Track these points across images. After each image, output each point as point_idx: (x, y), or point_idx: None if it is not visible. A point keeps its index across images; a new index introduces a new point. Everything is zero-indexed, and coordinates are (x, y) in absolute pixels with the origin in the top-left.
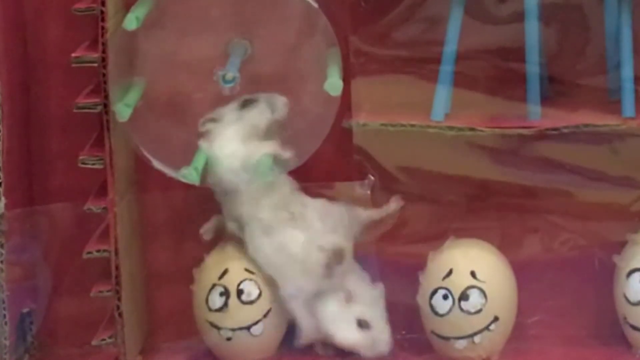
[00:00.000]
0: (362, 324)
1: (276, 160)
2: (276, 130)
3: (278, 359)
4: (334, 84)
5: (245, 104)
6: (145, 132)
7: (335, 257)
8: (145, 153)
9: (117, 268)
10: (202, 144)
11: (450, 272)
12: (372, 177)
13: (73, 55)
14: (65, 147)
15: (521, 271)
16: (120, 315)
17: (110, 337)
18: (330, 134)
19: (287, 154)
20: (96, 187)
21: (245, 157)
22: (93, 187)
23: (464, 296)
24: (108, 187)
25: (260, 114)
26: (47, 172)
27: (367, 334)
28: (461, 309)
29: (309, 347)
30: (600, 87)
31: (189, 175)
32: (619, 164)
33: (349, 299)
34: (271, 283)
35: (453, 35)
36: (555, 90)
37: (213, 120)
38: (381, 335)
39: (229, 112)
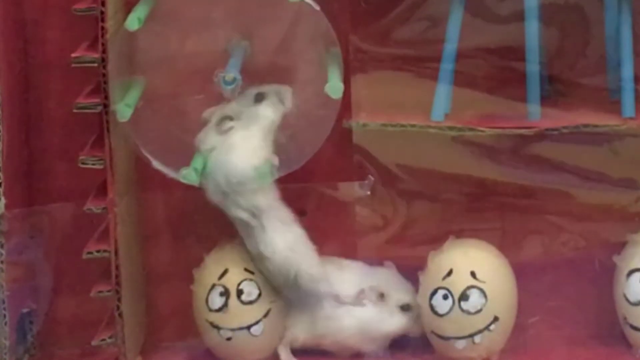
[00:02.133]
0: (405, 308)
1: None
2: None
3: (278, 359)
4: (334, 87)
5: (258, 98)
6: (145, 132)
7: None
8: (145, 153)
9: (117, 268)
10: (216, 141)
11: (450, 272)
12: (372, 177)
13: (73, 55)
14: (65, 147)
15: (521, 271)
16: (120, 315)
17: (110, 337)
18: (330, 134)
19: (276, 160)
20: (96, 187)
21: (266, 155)
22: (93, 187)
23: (464, 296)
24: (108, 187)
25: (274, 108)
26: (47, 172)
27: (410, 314)
28: (461, 309)
29: (309, 347)
30: (600, 87)
31: (189, 175)
32: (619, 164)
33: (381, 296)
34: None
35: (453, 34)
36: (556, 90)
37: (230, 117)
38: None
39: (244, 108)
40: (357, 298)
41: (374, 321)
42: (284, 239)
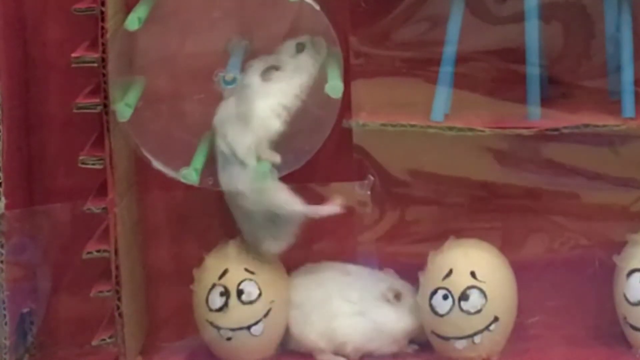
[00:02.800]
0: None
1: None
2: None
3: (278, 359)
4: (334, 87)
5: (300, 49)
6: (145, 132)
7: None
8: (145, 153)
9: (117, 268)
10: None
11: (450, 272)
12: (372, 177)
13: (73, 55)
14: (65, 147)
15: (521, 271)
16: (120, 315)
17: (110, 337)
18: (330, 134)
19: (278, 159)
20: (96, 187)
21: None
22: (93, 187)
23: (464, 296)
24: (108, 187)
25: (314, 61)
26: (47, 172)
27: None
28: (461, 309)
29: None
30: (601, 88)
31: (189, 175)
32: (620, 164)
33: (398, 297)
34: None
35: (453, 35)
36: (556, 91)
37: (276, 68)
38: None
39: (288, 58)
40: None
41: (394, 321)
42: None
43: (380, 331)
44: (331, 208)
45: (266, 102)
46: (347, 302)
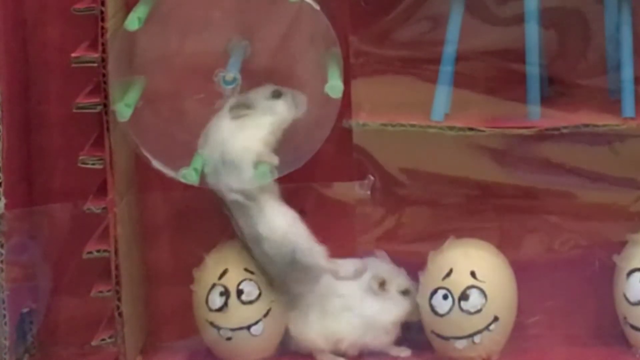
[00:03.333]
0: (405, 293)
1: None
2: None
3: (278, 359)
4: (334, 87)
5: (276, 95)
6: (145, 132)
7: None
8: (145, 153)
9: (117, 268)
10: (227, 125)
11: (450, 272)
12: (372, 177)
13: (73, 55)
14: (65, 147)
15: (521, 271)
16: (120, 315)
17: (110, 337)
18: (330, 134)
19: (276, 160)
20: (96, 187)
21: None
22: (93, 187)
23: (464, 296)
24: (108, 187)
25: (288, 108)
26: (47, 172)
27: (410, 298)
28: (461, 309)
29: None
30: (601, 88)
31: (189, 175)
32: (619, 164)
33: (383, 285)
34: (278, 253)
35: (453, 35)
36: (556, 90)
37: (246, 105)
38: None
39: (261, 100)
40: (355, 272)
41: (382, 312)
42: (282, 217)
43: (370, 324)
44: (352, 270)
45: (241, 136)
46: (338, 298)
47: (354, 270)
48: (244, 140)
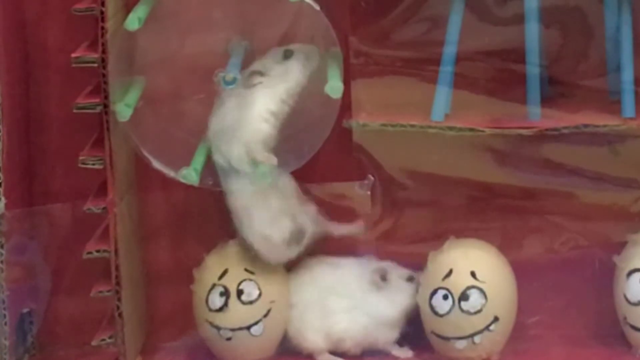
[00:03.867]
0: (409, 279)
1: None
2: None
3: (278, 359)
4: (334, 87)
5: (287, 55)
6: (145, 132)
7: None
8: (145, 153)
9: (117, 268)
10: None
11: (450, 272)
12: (372, 177)
13: (73, 55)
14: (65, 147)
15: (521, 271)
16: (120, 315)
17: (110, 337)
18: (330, 134)
19: (274, 160)
20: (96, 187)
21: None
22: (93, 187)
23: (464, 296)
24: (108, 187)
25: (302, 68)
26: (47, 172)
27: (415, 284)
28: (461, 309)
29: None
30: (601, 88)
31: (189, 175)
32: (620, 165)
33: (384, 278)
34: None
35: (453, 35)
36: (556, 91)
37: (260, 73)
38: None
39: (274, 64)
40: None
41: (387, 306)
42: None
43: (377, 322)
44: (354, 228)
45: (251, 109)
46: (340, 297)
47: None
48: (252, 115)
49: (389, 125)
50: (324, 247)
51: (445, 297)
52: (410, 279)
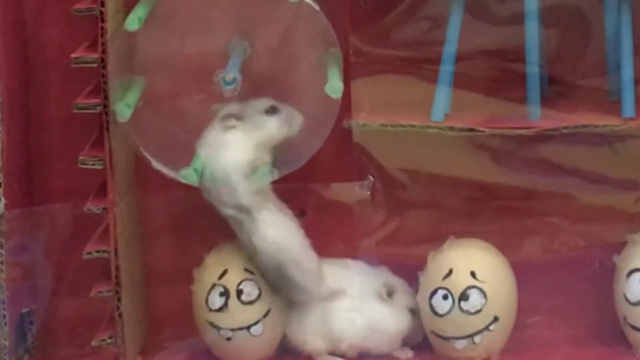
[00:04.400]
0: (412, 312)
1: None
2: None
3: (278, 359)
4: (334, 87)
5: (271, 111)
6: (145, 132)
7: None
8: (145, 153)
9: (117, 268)
10: (215, 137)
11: (450, 272)
12: (372, 177)
13: (73, 55)
14: (65, 147)
15: (521, 271)
16: (120, 315)
17: (110, 337)
18: (330, 134)
19: (267, 158)
20: (96, 187)
21: (251, 165)
22: (93, 187)
23: (464, 296)
24: (108, 187)
25: (280, 127)
26: (47, 172)
27: (416, 319)
28: (461, 309)
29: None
30: (600, 88)
31: (189, 175)
32: (619, 165)
33: (391, 294)
34: (271, 265)
35: (453, 35)
36: (556, 91)
37: (236, 117)
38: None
39: (254, 113)
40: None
41: (386, 319)
42: (275, 229)
43: (376, 329)
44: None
45: (223, 159)
46: (346, 297)
47: (335, 292)
48: (228, 156)
49: (389, 125)
50: (327, 251)
51: (445, 297)
52: (413, 312)
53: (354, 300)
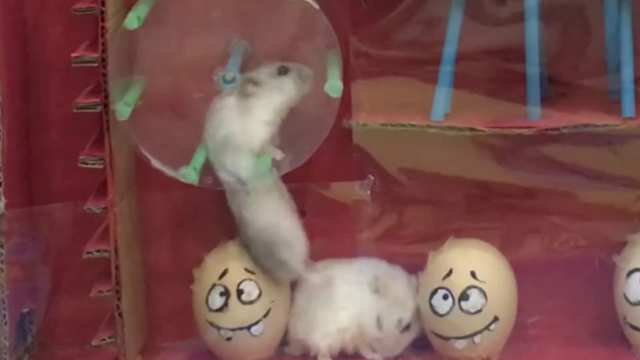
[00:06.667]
0: (406, 328)
1: (273, 161)
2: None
3: (278, 359)
4: (334, 86)
5: (282, 71)
6: (145, 132)
7: None
8: (145, 152)
9: (117, 268)
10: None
11: (450, 272)
12: (372, 177)
13: (73, 55)
14: (65, 147)
15: (521, 271)
16: (120, 315)
17: (110, 337)
18: (330, 134)
19: (280, 155)
20: (96, 187)
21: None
22: (93, 187)
23: (464, 296)
24: (108, 187)
25: (295, 85)
26: (47, 172)
27: (410, 334)
28: (461, 309)
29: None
30: (601, 88)
31: (188, 175)
32: (619, 164)
33: (386, 287)
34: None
35: (453, 36)
36: (556, 90)
37: (254, 82)
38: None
39: (268, 77)
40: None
41: (386, 312)
42: (268, 206)
43: (378, 325)
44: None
45: (250, 119)
46: (348, 296)
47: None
48: (250, 125)
49: (389, 125)
50: (326, 250)
51: (445, 297)
52: (406, 328)
53: (355, 298)
